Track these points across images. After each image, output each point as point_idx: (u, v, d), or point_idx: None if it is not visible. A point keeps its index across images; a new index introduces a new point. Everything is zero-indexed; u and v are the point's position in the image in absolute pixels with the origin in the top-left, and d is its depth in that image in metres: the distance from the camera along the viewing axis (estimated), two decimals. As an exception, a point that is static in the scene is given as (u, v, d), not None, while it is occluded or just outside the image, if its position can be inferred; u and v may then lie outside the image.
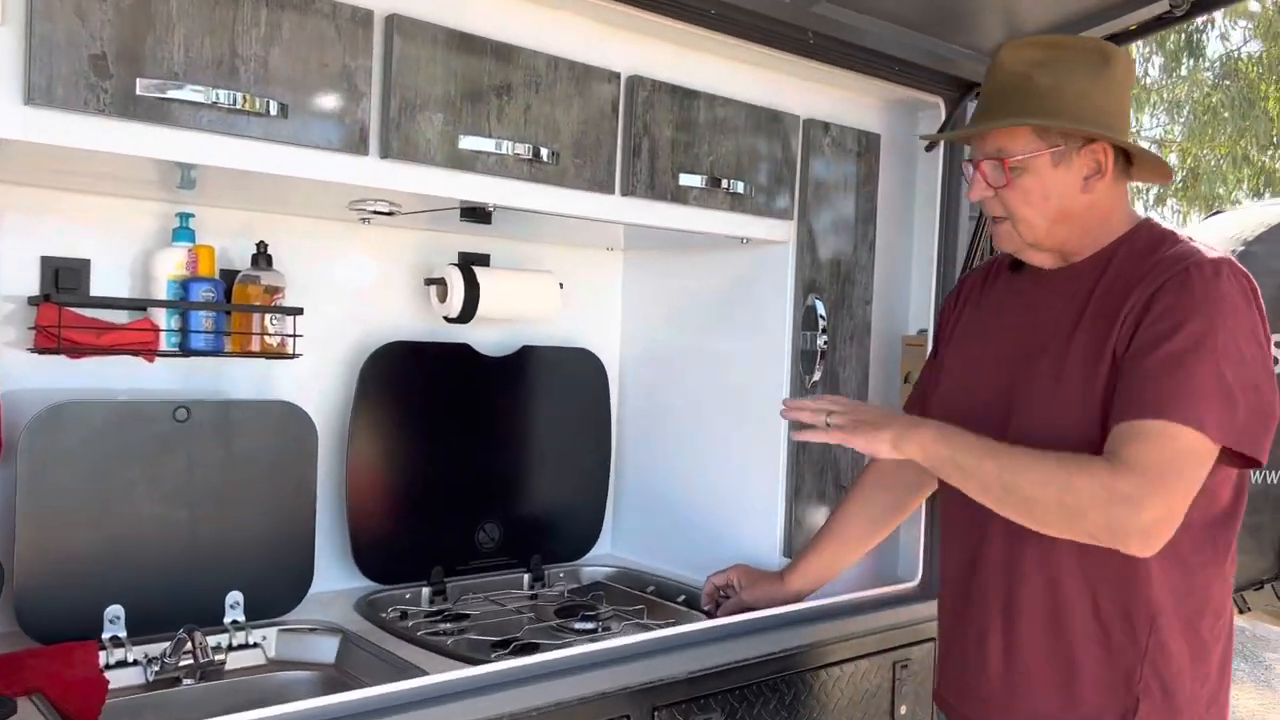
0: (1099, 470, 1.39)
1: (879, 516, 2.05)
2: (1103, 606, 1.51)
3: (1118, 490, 1.37)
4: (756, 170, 2.20)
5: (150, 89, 1.43)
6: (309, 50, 1.59)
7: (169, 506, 1.90)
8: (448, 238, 2.41)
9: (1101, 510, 1.38)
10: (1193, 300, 1.43)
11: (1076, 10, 2.11)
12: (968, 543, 1.67)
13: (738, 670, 1.99)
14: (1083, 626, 1.52)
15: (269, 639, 1.97)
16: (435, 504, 2.32)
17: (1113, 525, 1.38)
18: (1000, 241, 1.64)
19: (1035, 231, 1.58)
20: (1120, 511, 1.37)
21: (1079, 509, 1.39)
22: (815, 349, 2.33)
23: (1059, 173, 1.56)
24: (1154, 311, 1.45)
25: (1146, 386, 1.41)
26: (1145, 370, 1.42)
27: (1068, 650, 1.54)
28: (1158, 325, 1.44)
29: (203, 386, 2.05)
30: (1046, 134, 1.54)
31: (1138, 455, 1.38)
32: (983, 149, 1.60)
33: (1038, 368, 1.57)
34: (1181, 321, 1.42)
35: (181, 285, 1.92)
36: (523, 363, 2.47)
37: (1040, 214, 1.57)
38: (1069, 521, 1.42)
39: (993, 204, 1.61)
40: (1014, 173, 1.55)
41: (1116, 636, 1.51)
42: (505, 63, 1.81)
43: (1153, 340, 1.43)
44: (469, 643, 2.02)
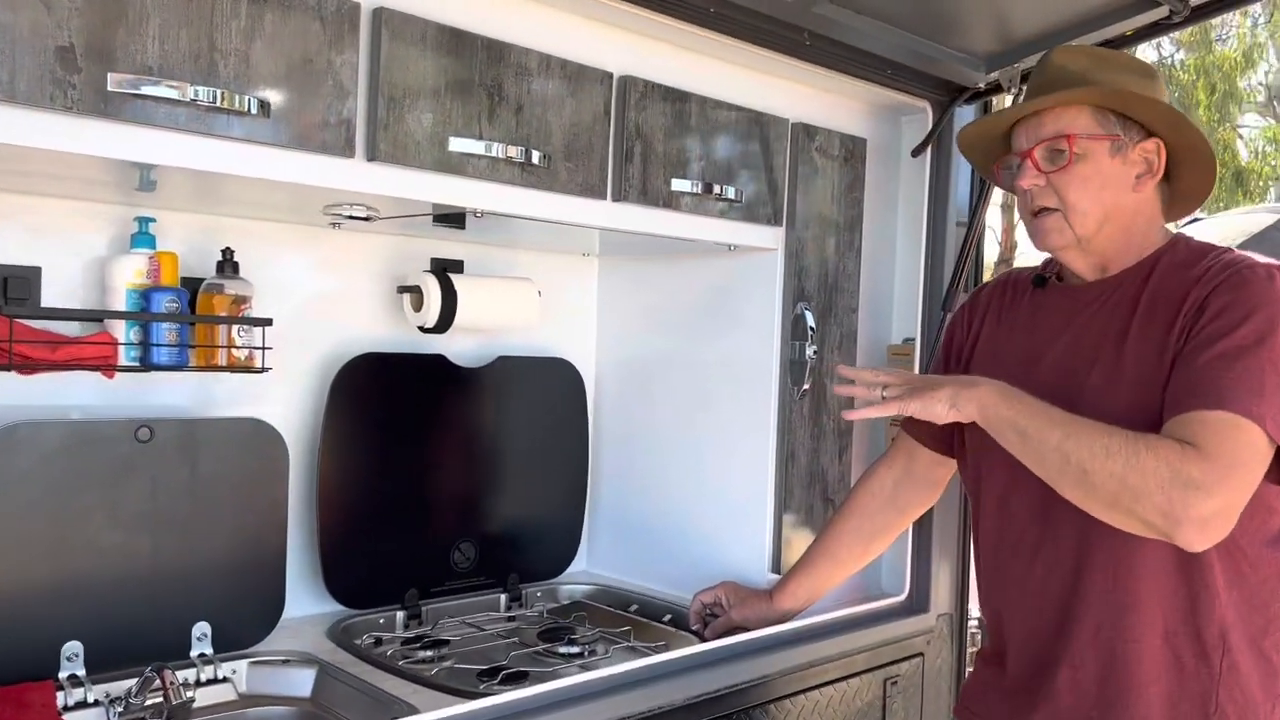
0: (1168, 451, 1.33)
1: (871, 536, 2.00)
2: (1174, 630, 1.46)
3: (1185, 473, 1.31)
4: (746, 175, 2.13)
5: (123, 85, 1.31)
6: (292, 45, 1.48)
7: (130, 533, 1.76)
8: (419, 243, 2.29)
9: (1164, 492, 1.31)
10: (1250, 299, 1.40)
11: (1073, 15, 2.08)
12: (1027, 577, 1.59)
13: (734, 694, 1.92)
14: (1154, 653, 1.47)
15: (240, 672, 1.84)
16: (409, 523, 2.21)
17: (1172, 509, 1.31)
18: (1046, 238, 1.56)
19: (1087, 224, 1.53)
20: (1183, 496, 1.30)
21: (1141, 489, 1.32)
22: (805, 359, 2.27)
23: (1115, 164, 1.53)
24: (1209, 310, 1.41)
25: (1208, 378, 1.36)
26: (1205, 364, 1.38)
27: (1141, 679, 1.48)
28: (1216, 322, 1.40)
29: (166, 404, 1.92)
30: (1107, 121, 1.52)
31: (1206, 442, 1.32)
32: (1039, 132, 1.54)
33: (1087, 382, 1.51)
34: (1240, 319, 1.39)
35: (142, 295, 1.79)
36: (499, 374, 2.36)
37: (1095, 204, 1.52)
38: (1127, 501, 1.34)
39: (1044, 193, 1.54)
40: (1076, 157, 1.51)
41: (1189, 662, 1.46)
42: (496, 60, 1.72)
43: (1212, 336, 1.40)
44: (452, 672, 1.92)
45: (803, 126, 2.24)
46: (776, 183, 2.20)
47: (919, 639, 2.38)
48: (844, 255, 2.36)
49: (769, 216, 2.19)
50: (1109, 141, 1.52)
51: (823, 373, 2.31)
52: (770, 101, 2.19)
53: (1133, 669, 1.48)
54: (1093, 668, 1.51)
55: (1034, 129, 1.55)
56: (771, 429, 2.25)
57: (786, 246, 2.24)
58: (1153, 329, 1.47)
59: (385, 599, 2.16)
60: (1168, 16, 1.99)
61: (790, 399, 2.26)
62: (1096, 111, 1.52)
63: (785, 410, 2.25)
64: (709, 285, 2.39)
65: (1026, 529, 1.59)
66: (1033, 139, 1.55)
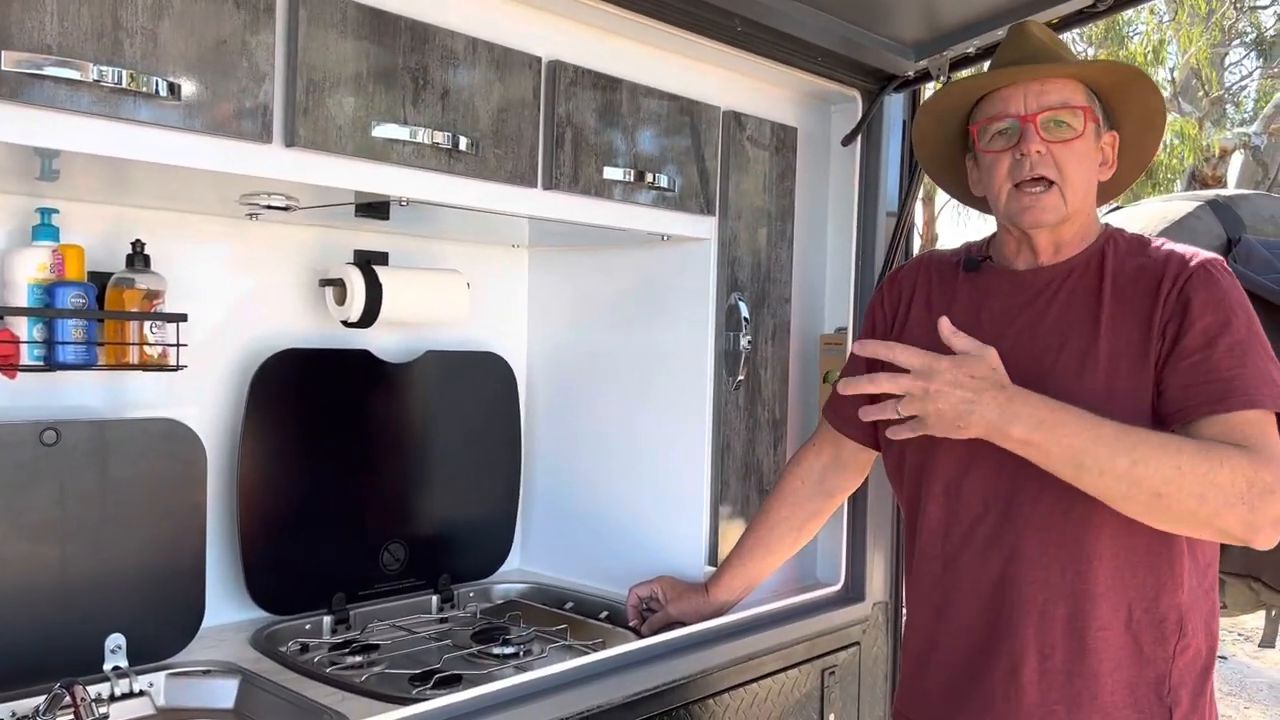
0: (1239, 460, 1.32)
1: (802, 523, 1.98)
2: (1137, 617, 1.46)
3: (1260, 480, 1.31)
4: (678, 163, 2.10)
5: (20, 65, 1.22)
6: (203, 23, 1.40)
7: (36, 543, 1.67)
8: (342, 234, 2.22)
9: (1246, 502, 1.30)
10: (1224, 294, 1.43)
11: (1000, 3, 2.08)
12: (983, 571, 1.54)
13: (673, 690, 1.90)
14: (1119, 640, 1.46)
15: (157, 685, 1.76)
16: (335, 525, 2.14)
17: (1254, 518, 1.31)
18: (1041, 211, 1.51)
19: (1076, 198, 1.52)
20: (1263, 502, 1.30)
21: (1221, 503, 1.30)
22: (739, 349, 2.24)
23: (1094, 147, 1.55)
24: (1194, 306, 1.43)
25: (1230, 378, 1.38)
26: (1214, 363, 1.39)
27: (1108, 666, 1.46)
28: (1204, 319, 1.42)
29: (73, 404, 1.82)
30: (1093, 103, 1.54)
31: (1263, 444, 1.34)
32: (1040, 100, 1.50)
33: (1056, 367, 1.49)
34: (1228, 315, 1.42)
35: (45, 290, 1.69)
36: (427, 369, 2.30)
37: (1086, 182, 1.54)
38: (1205, 515, 1.31)
39: (1044, 160, 1.50)
40: (1082, 131, 1.51)
41: (1147, 647, 1.46)
42: (420, 43, 1.66)
43: (1207, 333, 1.41)
44: (383, 677, 1.86)
45: (734, 115, 2.21)
46: (708, 172, 2.17)
47: (855, 628, 2.38)
48: (776, 245, 2.34)
49: (701, 206, 2.16)
50: (1096, 124, 1.54)
51: (757, 363, 2.29)
52: (701, 89, 2.16)
53: (1101, 657, 1.46)
54: (1061, 658, 1.48)
55: (1035, 95, 1.51)
56: (706, 420, 2.23)
57: (719, 236, 2.21)
58: (1127, 315, 1.47)
59: (311, 604, 2.09)
60: (1092, 5, 2.00)
61: (725, 390, 2.24)
62: (1087, 92, 1.54)
63: (720, 401, 2.23)
64: (641, 276, 2.36)
65: (981, 518, 1.55)
66: (1034, 105, 1.51)
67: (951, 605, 1.60)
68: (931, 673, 1.63)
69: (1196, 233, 2.38)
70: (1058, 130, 1.51)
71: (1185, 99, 11.03)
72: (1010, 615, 1.51)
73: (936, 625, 1.62)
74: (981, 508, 1.55)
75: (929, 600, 1.64)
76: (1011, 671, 1.51)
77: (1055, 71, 1.52)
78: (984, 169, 1.60)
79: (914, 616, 1.69)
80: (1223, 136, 9.84)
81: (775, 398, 2.36)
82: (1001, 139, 1.55)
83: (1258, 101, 11.55)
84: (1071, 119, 1.51)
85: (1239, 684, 5.67)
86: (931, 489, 1.61)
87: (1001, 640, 1.52)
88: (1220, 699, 5.35)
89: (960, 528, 1.58)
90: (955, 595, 1.59)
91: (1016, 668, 1.51)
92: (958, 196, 1.80)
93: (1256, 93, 11.95)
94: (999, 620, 1.53)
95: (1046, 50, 1.58)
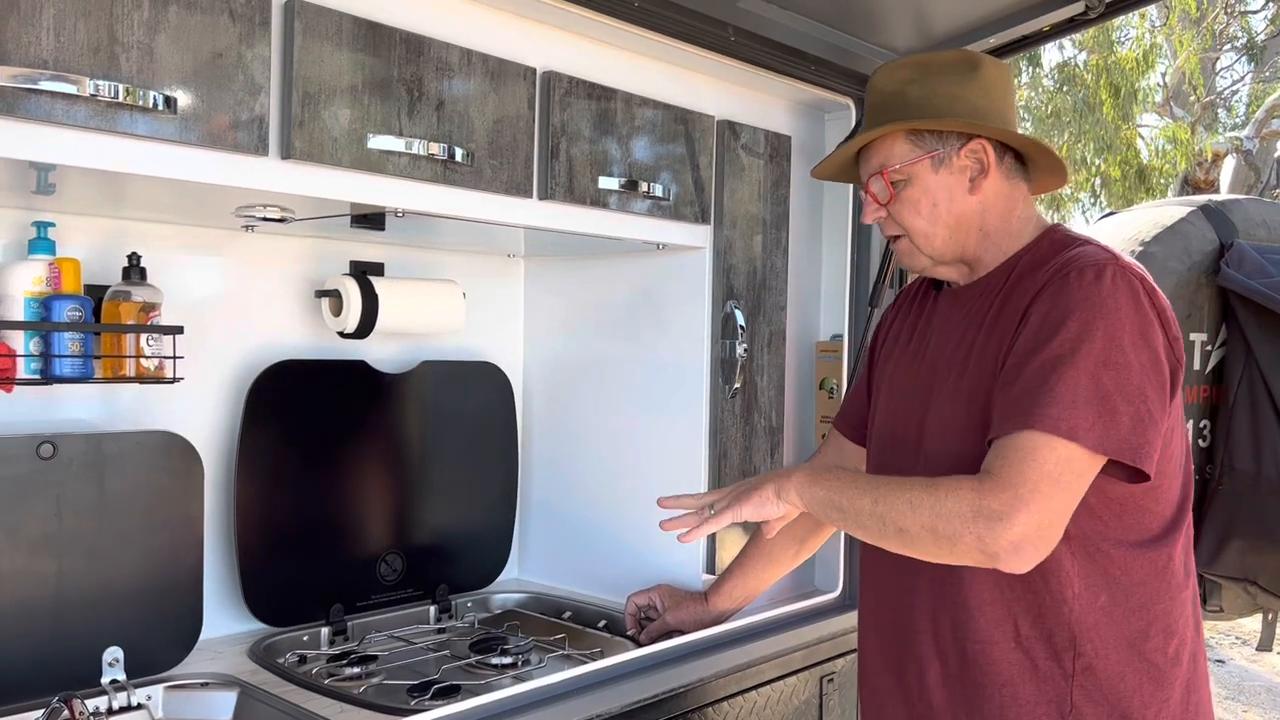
0: (965, 489, 1.34)
1: (806, 534, 1.98)
2: (1026, 634, 1.45)
3: (985, 507, 1.31)
4: (673, 173, 2.11)
5: (17, 80, 1.23)
6: (199, 37, 1.41)
7: (34, 556, 1.66)
8: (337, 245, 2.22)
9: (971, 530, 1.32)
10: (1069, 304, 1.37)
11: (991, 11, 2.10)
12: (891, 579, 1.59)
13: (672, 699, 1.90)
14: (1007, 655, 1.46)
15: (155, 698, 1.76)
16: (333, 536, 2.14)
17: (983, 544, 1.32)
18: (904, 259, 1.60)
19: (933, 243, 1.54)
20: (988, 528, 1.31)
21: (950, 532, 1.34)
22: (735, 358, 2.25)
23: (941, 177, 1.52)
24: (1032, 321, 1.40)
25: (1020, 397, 1.36)
26: (1019, 380, 1.37)
27: (997, 680, 1.46)
28: (1037, 334, 1.38)
29: (70, 418, 1.82)
30: (922, 140, 1.52)
31: (1006, 469, 1.33)
32: (867, 168, 1.57)
33: (943, 389, 1.52)
34: (1056, 327, 1.37)
35: (42, 304, 1.69)
36: (423, 379, 2.30)
37: (932, 223, 1.53)
38: (944, 545, 1.36)
39: (888, 224, 1.57)
40: (897, 185, 1.53)
41: (1042, 663, 1.45)
42: (416, 55, 1.66)
43: (1027, 348, 1.38)
44: (381, 688, 1.86)
45: (728, 124, 2.22)
46: (703, 181, 2.18)
47: (854, 635, 2.36)
48: (772, 253, 2.35)
49: (696, 215, 2.17)
50: (928, 160, 1.52)
51: (753, 371, 2.30)
52: (695, 99, 2.17)
53: (986, 670, 1.47)
54: (955, 666, 1.50)
55: (864, 163, 1.58)
56: (703, 428, 2.23)
57: (714, 245, 2.22)
58: (995, 336, 1.47)
59: (309, 615, 2.09)
60: (1084, 12, 2.02)
61: (721, 398, 2.24)
62: (910, 134, 1.52)
63: (717, 409, 2.23)
64: (637, 285, 2.36)
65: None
66: (864, 173, 1.58)
67: (876, 609, 1.66)
68: (871, 674, 1.69)
69: (1189, 238, 2.39)
70: (882, 190, 1.55)
71: (1177, 104, 11.07)
72: (913, 621, 1.56)
73: (869, 628, 1.69)
74: None
75: (863, 605, 1.72)
76: (920, 675, 1.56)
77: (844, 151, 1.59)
78: None
79: (859, 617, 1.75)
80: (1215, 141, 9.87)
81: (771, 405, 2.36)
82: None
83: (1249, 106, 11.60)
84: (887, 180, 1.53)
85: (1237, 688, 5.67)
86: None
87: (910, 645, 1.57)
88: (1218, 703, 5.37)
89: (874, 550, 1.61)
90: (877, 600, 1.65)
91: (923, 671, 1.55)
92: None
93: (1248, 97, 12.00)
94: (906, 624, 1.57)
95: (877, 104, 1.57)
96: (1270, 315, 2.24)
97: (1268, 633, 2.67)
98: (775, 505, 1.55)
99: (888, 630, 1.62)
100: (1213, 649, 6.32)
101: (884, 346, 1.78)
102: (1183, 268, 2.32)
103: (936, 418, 1.52)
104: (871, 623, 1.68)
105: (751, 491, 1.57)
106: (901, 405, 1.62)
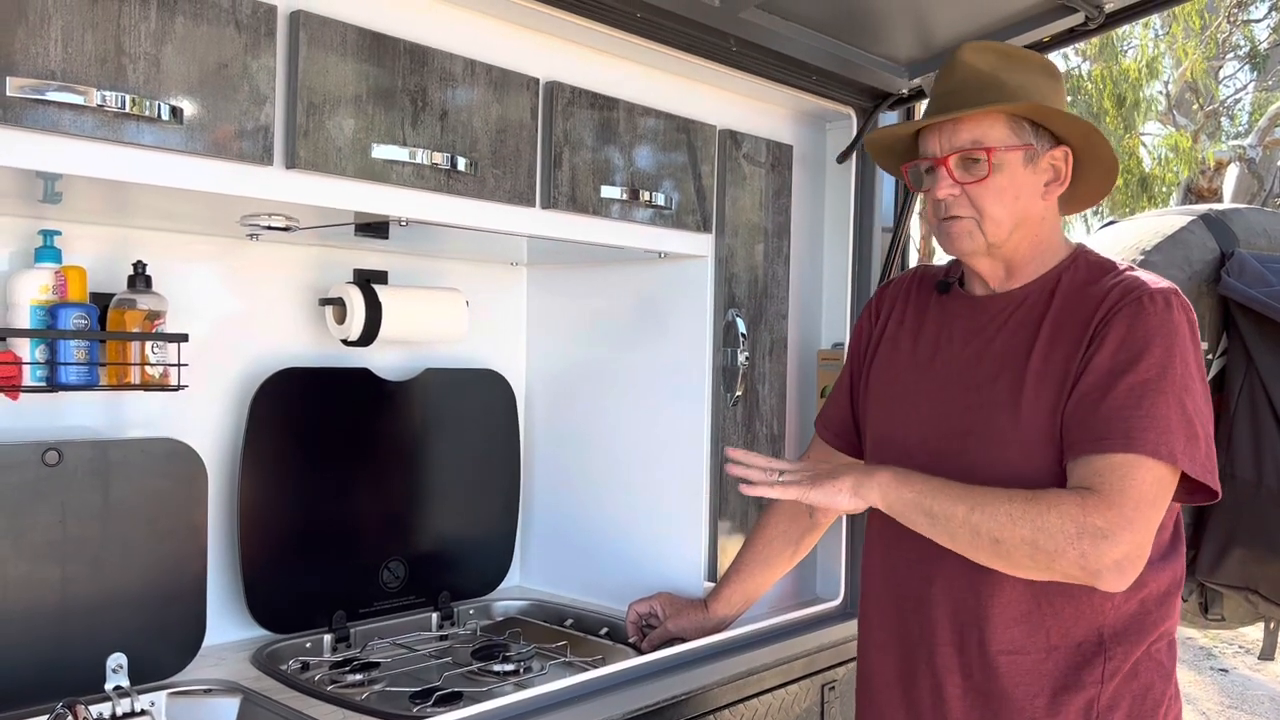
0: (1069, 505, 1.35)
1: (799, 537, 1.99)
2: (1054, 641, 1.47)
3: (1090, 524, 1.33)
4: (675, 182, 2.12)
5: (24, 90, 1.24)
6: (205, 48, 1.42)
7: (38, 562, 1.67)
8: (341, 253, 2.23)
9: (1075, 546, 1.33)
10: (1148, 331, 1.41)
11: (992, 21, 2.11)
12: (908, 590, 1.59)
13: (673, 706, 1.90)
14: (1038, 664, 1.47)
15: (159, 704, 1.76)
16: (336, 543, 2.15)
17: (1086, 561, 1.33)
18: (956, 240, 1.53)
19: (1000, 231, 1.51)
20: (1094, 546, 1.33)
21: (1053, 548, 1.34)
22: (736, 366, 2.26)
23: (1027, 173, 1.52)
24: (1109, 342, 1.42)
25: (1113, 419, 1.38)
26: (1105, 401, 1.39)
27: (1030, 689, 1.48)
28: (1117, 356, 1.41)
29: (75, 425, 1.83)
30: (1022, 131, 1.50)
31: (1109, 489, 1.35)
32: (953, 141, 1.51)
33: (988, 397, 1.51)
34: (1140, 352, 1.40)
35: (48, 311, 1.70)
36: (426, 387, 2.31)
37: (1009, 214, 1.51)
38: (1041, 560, 1.36)
39: (959, 202, 1.52)
40: (994, 168, 1.49)
41: (1070, 672, 1.46)
42: (419, 65, 1.68)
43: (1113, 371, 1.40)
44: (384, 695, 1.86)
45: (730, 133, 2.23)
46: (705, 190, 2.19)
47: (855, 643, 2.37)
48: (773, 261, 2.36)
49: (698, 223, 2.18)
50: (1023, 152, 1.51)
51: (755, 379, 2.31)
52: (697, 108, 2.18)
53: (1014, 680, 1.48)
54: (979, 678, 1.50)
55: (948, 135, 1.52)
56: (705, 436, 2.24)
57: (716, 253, 2.23)
58: (1057, 353, 1.47)
59: (312, 622, 2.09)
60: (1084, 23, 2.03)
61: (723, 406, 2.25)
62: (1011, 121, 1.50)
63: (718, 417, 2.24)
64: (639, 293, 2.37)
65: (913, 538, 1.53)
66: (947, 146, 1.52)
67: (887, 621, 1.64)
68: (874, 686, 1.68)
69: (1190, 247, 2.39)
70: (973, 168, 1.50)
71: (1180, 112, 11.08)
72: (934, 632, 1.55)
73: (878, 640, 1.67)
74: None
75: (869, 616, 1.70)
76: (937, 688, 1.55)
77: (963, 113, 1.50)
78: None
79: (861, 630, 1.74)
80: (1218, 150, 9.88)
81: (773, 413, 2.37)
82: (927, 178, 1.57)
83: (1252, 114, 11.60)
84: (985, 158, 1.49)
85: (1240, 697, 5.66)
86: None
87: (927, 656, 1.56)
88: (1222, 712, 5.36)
89: (896, 545, 1.61)
90: (890, 611, 1.64)
91: (940, 684, 1.54)
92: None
93: (1251, 105, 12.00)
94: (924, 637, 1.56)
95: (969, 82, 1.53)
96: (1271, 324, 2.24)
97: (1270, 641, 2.67)
98: (849, 500, 1.49)
99: (898, 643, 1.61)
100: (1215, 658, 6.31)
101: (874, 349, 1.75)
102: (1183, 276, 2.32)
103: (985, 428, 1.50)
104: (878, 636, 1.67)
105: (826, 480, 1.50)
106: (928, 410, 1.60)
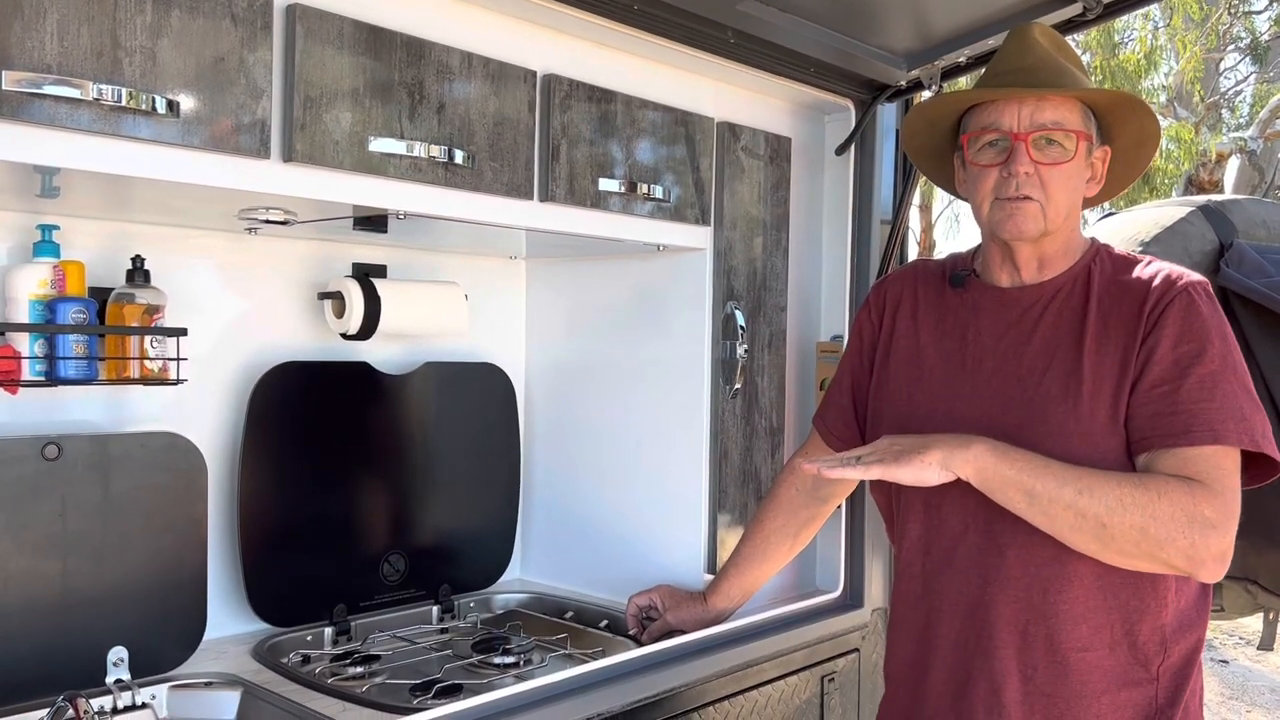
0: (1179, 494, 1.34)
1: (798, 529, 1.98)
2: (1116, 637, 1.46)
3: (1200, 514, 1.33)
4: (673, 175, 2.12)
5: (20, 83, 1.24)
6: (202, 41, 1.42)
7: (38, 557, 1.68)
8: (340, 247, 2.23)
9: (1186, 536, 1.33)
10: (1204, 322, 1.43)
11: (990, 13, 2.10)
12: (960, 594, 1.54)
13: (673, 698, 1.91)
14: (1102, 661, 1.46)
15: (160, 697, 1.77)
16: (336, 536, 2.15)
17: (1194, 552, 1.33)
18: (1021, 223, 1.48)
19: (1058, 218, 1.50)
20: (1203, 537, 1.33)
21: (1162, 537, 1.33)
22: (735, 358, 2.26)
23: (1084, 166, 1.53)
24: (1167, 334, 1.43)
25: (1195, 412, 1.38)
26: (1183, 395, 1.40)
27: (1092, 689, 1.46)
28: (1180, 348, 1.42)
29: (75, 419, 1.83)
30: (1089, 121, 1.52)
31: (1212, 479, 1.36)
32: (1035, 118, 1.47)
33: (1040, 391, 1.49)
34: (1203, 343, 1.41)
35: (47, 306, 1.70)
36: (425, 381, 2.31)
37: (1068, 201, 1.51)
38: (1148, 546, 1.34)
39: (1030, 182, 1.47)
40: (1077, 151, 1.48)
41: (1132, 668, 1.46)
42: (416, 58, 1.67)
43: (1178, 363, 1.41)
44: (384, 688, 1.87)
45: (728, 126, 2.23)
46: (703, 182, 2.18)
47: (855, 634, 2.39)
48: (772, 254, 2.36)
49: (696, 216, 2.18)
50: (1089, 143, 1.51)
51: (754, 371, 2.31)
52: (695, 101, 2.18)
53: (1080, 680, 1.46)
54: (1043, 679, 1.48)
55: (1029, 112, 1.47)
56: (704, 429, 2.24)
57: (715, 246, 2.23)
58: (1110, 344, 1.47)
59: (312, 615, 2.10)
60: (1082, 13, 2.02)
61: (722, 398, 2.25)
62: (1084, 109, 1.51)
63: (717, 410, 2.24)
64: (638, 286, 2.37)
65: (961, 537, 1.54)
66: (1027, 123, 1.47)
67: (932, 625, 1.59)
68: (915, 694, 1.62)
69: (1189, 238, 2.39)
70: (1049, 150, 1.48)
71: (1181, 104, 11.06)
72: (992, 635, 1.51)
73: (918, 645, 1.62)
74: (961, 526, 1.54)
75: (909, 621, 1.64)
76: (994, 693, 1.50)
77: (1055, 93, 1.48)
78: (970, 179, 1.56)
79: (895, 635, 1.69)
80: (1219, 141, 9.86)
81: (772, 406, 2.37)
82: (991, 151, 1.52)
83: (1253, 106, 11.58)
84: (1065, 140, 1.48)
85: (1240, 688, 5.66)
86: (911, 504, 1.62)
87: (984, 661, 1.52)
88: (1222, 703, 5.37)
89: (941, 545, 1.57)
90: (936, 615, 1.58)
91: (999, 689, 1.50)
92: (944, 187, 1.77)
93: (1252, 97, 11.98)
94: (980, 640, 1.52)
95: (1048, 61, 1.52)
96: (1270, 315, 2.24)
97: (1269, 632, 2.67)
98: (937, 475, 1.42)
99: (948, 650, 1.56)
100: (1215, 649, 6.31)
101: (885, 345, 1.72)
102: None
103: (1040, 421, 1.46)
104: (916, 648, 1.62)
105: (912, 455, 1.42)
106: (954, 408, 1.56)
